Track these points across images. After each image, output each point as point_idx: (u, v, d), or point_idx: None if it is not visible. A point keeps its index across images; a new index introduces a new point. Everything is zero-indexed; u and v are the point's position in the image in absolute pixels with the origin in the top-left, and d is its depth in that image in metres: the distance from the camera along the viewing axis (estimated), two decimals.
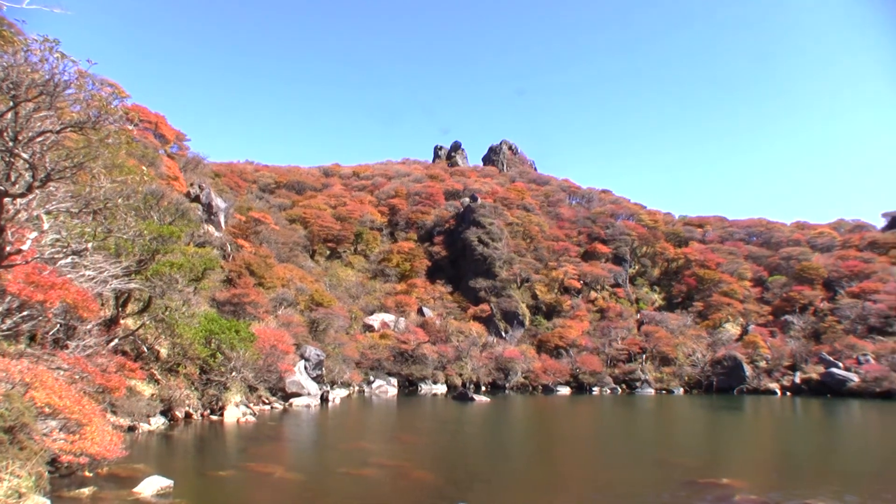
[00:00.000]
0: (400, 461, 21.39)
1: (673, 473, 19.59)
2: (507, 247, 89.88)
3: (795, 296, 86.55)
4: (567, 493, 16.82)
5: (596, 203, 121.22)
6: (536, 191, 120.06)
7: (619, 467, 21.55)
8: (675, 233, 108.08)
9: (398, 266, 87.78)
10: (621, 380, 73.31)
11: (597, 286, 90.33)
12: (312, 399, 41.06)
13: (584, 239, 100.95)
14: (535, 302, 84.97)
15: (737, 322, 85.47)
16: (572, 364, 72.83)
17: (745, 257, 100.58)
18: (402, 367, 64.99)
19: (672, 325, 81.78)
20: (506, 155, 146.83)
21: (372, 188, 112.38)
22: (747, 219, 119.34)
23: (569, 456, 24.82)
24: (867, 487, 18.00)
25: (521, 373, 70.33)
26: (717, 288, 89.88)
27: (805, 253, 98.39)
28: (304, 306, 61.09)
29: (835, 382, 67.24)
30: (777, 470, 22.17)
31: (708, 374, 73.18)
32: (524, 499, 15.87)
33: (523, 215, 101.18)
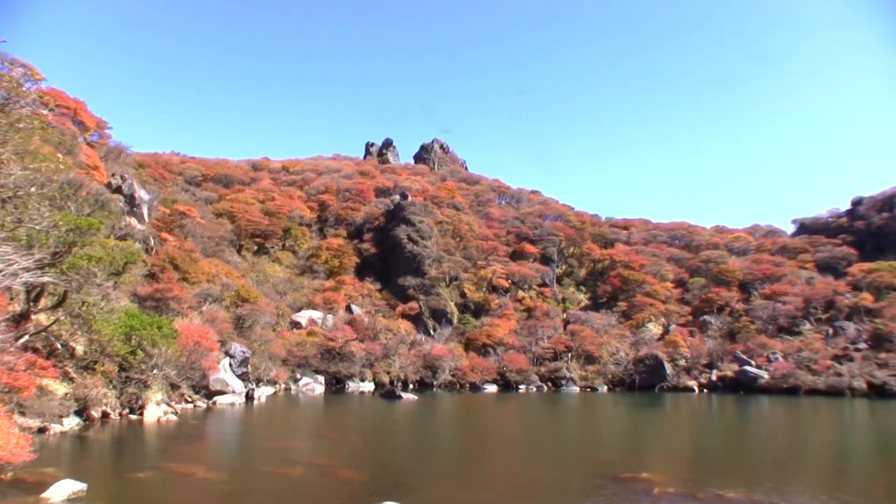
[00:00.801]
0: (326, 460, 21.17)
1: (596, 469, 20.02)
2: (437, 245, 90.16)
3: (713, 297, 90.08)
4: (494, 490, 16.98)
5: (525, 203, 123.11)
6: (467, 190, 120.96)
7: (544, 464, 21.87)
8: (601, 234, 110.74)
9: (327, 263, 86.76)
10: (547, 378, 74.50)
11: (524, 285, 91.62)
12: (237, 397, 40.19)
13: (513, 239, 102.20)
14: (463, 300, 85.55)
15: (659, 322, 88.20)
16: (499, 362, 73.65)
17: (667, 259, 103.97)
18: (329, 364, 64.28)
19: (597, 325, 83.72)
20: (437, 153, 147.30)
21: (302, 183, 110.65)
22: (670, 222, 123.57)
23: (495, 453, 25.06)
24: (774, 478, 18.90)
25: (449, 371, 70.67)
26: (641, 288, 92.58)
27: (723, 256, 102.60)
28: (229, 302, 59.63)
29: (747, 380, 70.33)
30: (693, 463, 23.00)
31: (631, 373, 75.20)
32: (451, 496, 15.93)
33: (453, 214, 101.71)
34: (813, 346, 73.59)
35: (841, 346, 73.46)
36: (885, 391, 63.91)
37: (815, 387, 66.24)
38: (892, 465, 23.89)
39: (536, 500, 15.66)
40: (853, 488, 18.17)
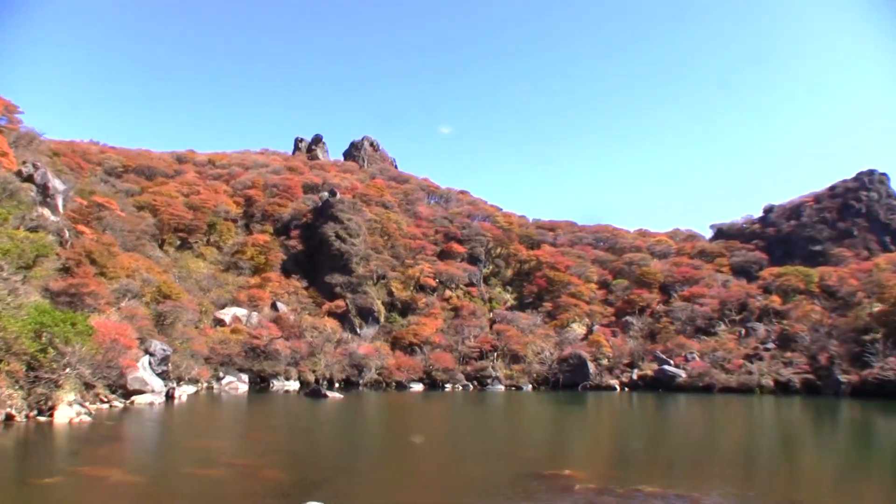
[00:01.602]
0: (249, 460, 20.84)
1: (519, 466, 20.34)
2: (365, 243, 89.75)
3: (636, 298, 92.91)
4: (418, 488, 17.05)
5: (454, 203, 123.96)
6: (396, 189, 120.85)
7: (468, 462, 22.11)
8: (528, 235, 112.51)
9: (252, 259, 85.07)
10: (473, 377, 75.26)
11: (452, 285, 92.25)
12: (157, 396, 39.02)
13: (441, 238, 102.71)
14: (390, 299, 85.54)
15: (583, 322, 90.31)
16: (426, 361, 73.99)
17: (592, 261, 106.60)
18: (253, 362, 63.19)
19: (523, 325, 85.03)
20: (367, 151, 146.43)
21: (228, 177, 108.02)
22: (595, 225, 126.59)
23: (421, 452, 25.12)
24: (689, 473, 19.88)
25: (375, 369, 70.50)
26: (566, 289, 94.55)
27: (645, 259, 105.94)
28: (150, 298, 57.75)
29: (666, 378, 72.92)
30: (614, 460, 23.73)
31: (555, 372, 76.71)
32: (376, 496, 15.95)
33: (382, 212, 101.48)
34: (727, 346, 77.07)
35: (752, 345, 77.22)
36: (789, 388, 67.77)
37: (728, 385, 69.49)
38: (793, 458, 25.24)
39: (460, 498, 15.79)
40: (760, 480, 19.17)
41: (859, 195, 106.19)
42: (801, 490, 17.89)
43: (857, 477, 20.65)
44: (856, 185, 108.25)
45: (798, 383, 68.03)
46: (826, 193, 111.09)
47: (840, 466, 23.23)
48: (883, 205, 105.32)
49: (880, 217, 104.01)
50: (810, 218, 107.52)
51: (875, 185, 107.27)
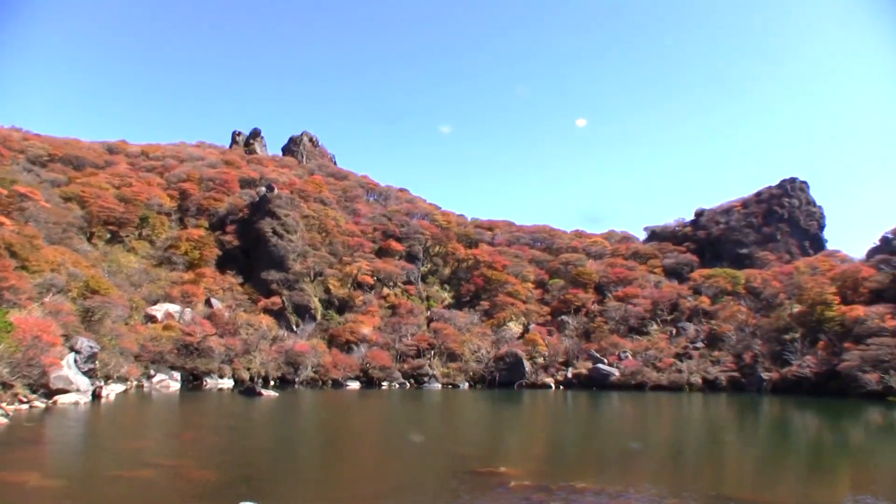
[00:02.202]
0: (179, 460, 20.46)
1: (455, 464, 20.57)
2: (302, 240, 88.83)
3: (571, 298, 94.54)
4: (354, 487, 17.08)
5: (393, 201, 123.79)
6: (335, 185, 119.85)
7: (404, 460, 22.25)
8: (466, 234, 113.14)
9: (186, 254, 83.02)
10: (410, 375, 75.43)
11: (389, 283, 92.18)
12: (82, 396, 37.78)
13: (380, 236, 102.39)
14: (327, 296, 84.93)
15: (519, 321, 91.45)
16: (363, 359, 73.78)
17: (529, 261, 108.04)
18: (186, 360, 61.87)
19: (460, 323, 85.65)
20: (306, 146, 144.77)
21: (162, 170, 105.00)
22: (533, 225, 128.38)
23: (357, 450, 25.16)
24: (621, 469, 20.47)
25: (312, 367, 70.00)
26: (503, 288, 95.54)
27: (581, 259, 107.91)
28: (77, 293, 55.81)
29: (600, 377, 74.62)
30: (548, 457, 24.25)
31: (491, 370, 77.58)
32: (312, 495, 15.93)
33: (320, 209, 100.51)
34: (658, 346, 79.49)
35: (682, 345, 79.85)
36: (716, 386, 70.49)
37: (660, 383, 71.77)
38: (719, 452, 26.27)
39: (396, 496, 15.87)
40: (688, 475, 20.09)
41: (782, 201, 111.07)
42: (726, 483, 18.67)
43: (775, 468, 21.68)
44: (779, 191, 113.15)
45: (724, 381, 70.77)
46: (753, 199, 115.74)
47: (761, 459, 24.34)
48: (803, 211, 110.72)
49: (801, 223, 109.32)
50: (738, 222, 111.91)
51: (796, 193, 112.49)
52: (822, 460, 24.94)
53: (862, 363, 59.48)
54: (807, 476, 20.72)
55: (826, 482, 19.61)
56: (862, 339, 63.02)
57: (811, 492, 17.90)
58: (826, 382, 62.04)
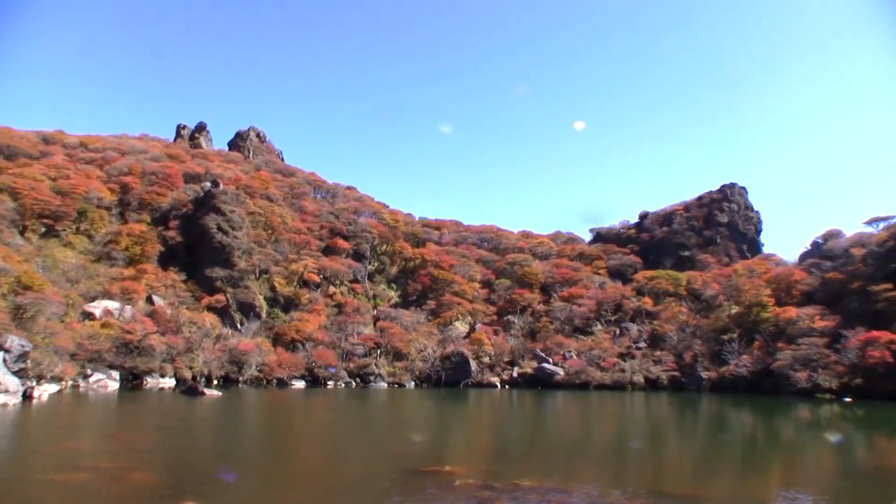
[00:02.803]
0: (116, 462, 19.86)
1: (400, 463, 20.61)
2: (248, 236, 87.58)
3: (517, 298, 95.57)
4: (298, 487, 16.98)
5: (341, 199, 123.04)
6: (282, 182, 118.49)
7: (349, 460, 22.19)
8: (413, 233, 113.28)
9: (127, 249, 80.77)
10: (356, 374, 75.13)
11: (336, 281, 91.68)
12: (11, 397, 36.50)
13: (327, 234, 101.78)
14: (273, 294, 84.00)
15: (465, 320, 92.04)
16: (308, 358, 73.22)
17: (476, 260, 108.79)
18: (125, 359, 60.28)
19: (406, 322, 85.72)
20: (253, 142, 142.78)
21: (102, 162, 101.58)
22: (480, 225, 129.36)
23: (301, 451, 24.96)
24: (565, 467, 20.94)
25: (256, 366, 69.16)
26: (450, 288, 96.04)
27: (527, 260, 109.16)
28: (7, 290, 53.89)
29: (545, 376, 75.68)
30: (493, 455, 24.53)
31: (437, 369, 77.83)
32: (254, 497, 15.79)
33: (266, 205, 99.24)
34: (602, 346, 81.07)
35: (625, 345, 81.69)
36: (658, 385, 72.46)
37: (603, 382, 73.20)
38: (659, 450, 26.98)
39: (340, 496, 15.87)
40: (630, 472, 20.58)
41: (722, 206, 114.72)
42: (665, 479, 19.29)
43: (712, 464, 22.67)
44: (720, 196, 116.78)
45: (666, 380, 72.78)
46: (695, 203, 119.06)
47: (698, 456, 25.35)
48: (742, 216, 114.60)
49: (739, 227, 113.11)
50: (680, 225, 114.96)
51: (736, 198, 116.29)
52: (755, 456, 25.92)
53: (793, 362, 62.26)
54: (741, 471, 21.50)
55: (758, 476, 20.40)
56: (794, 339, 65.90)
57: (745, 486, 18.61)
58: (760, 381, 64.62)
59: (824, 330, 65.65)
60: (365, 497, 15.98)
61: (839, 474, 21.34)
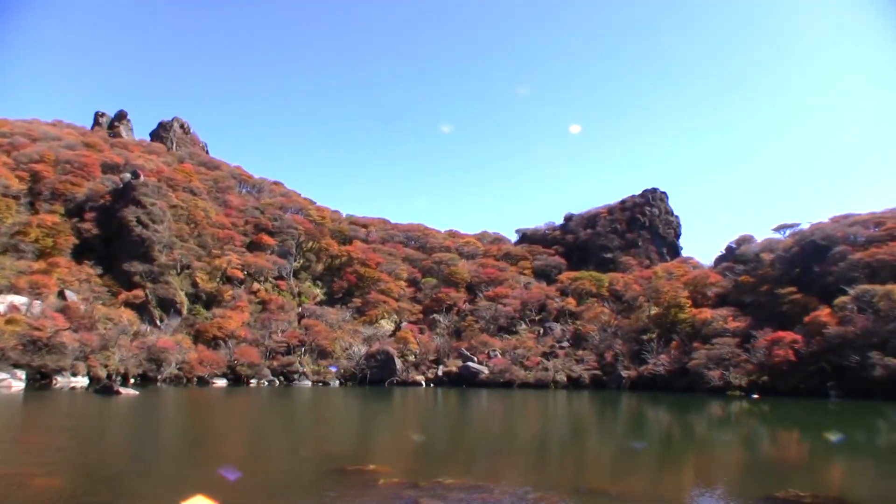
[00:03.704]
0: (20, 467, 18.67)
1: (324, 462, 20.35)
2: (169, 230, 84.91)
3: (443, 297, 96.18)
4: (216, 490, 16.31)
5: (266, 194, 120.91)
6: (206, 175, 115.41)
7: (271, 459, 21.80)
8: (340, 231, 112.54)
9: (38, 242, 76.66)
10: (279, 372, 74.21)
11: (260, 277, 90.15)
12: None
13: (251, 229, 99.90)
14: (194, 290, 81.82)
15: (391, 319, 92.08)
16: (230, 356, 71.75)
17: (402, 259, 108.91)
18: (33, 357, 57.19)
19: (331, 320, 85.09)
20: (177, 133, 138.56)
21: (10, 148, 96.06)
22: (408, 223, 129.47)
23: (220, 451, 24.29)
24: (488, 464, 21.05)
25: (176, 364, 67.17)
26: (376, 286, 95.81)
27: (454, 259, 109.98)
28: None
29: (470, 374, 76.52)
30: (417, 454, 24.52)
31: (363, 368, 77.54)
32: (171, 499, 15.33)
33: (189, 199, 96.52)
34: (526, 345, 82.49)
35: (549, 344, 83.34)
36: (580, 383, 74.27)
37: (527, 381, 74.58)
38: (580, 446, 27.66)
39: (259, 498, 15.53)
40: (552, 468, 21.03)
41: (644, 210, 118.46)
42: (587, 475, 19.76)
43: (631, 460, 23.32)
44: (642, 200, 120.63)
45: (587, 379, 74.64)
46: (618, 206, 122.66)
47: (618, 452, 26.02)
48: (662, 220, 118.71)
49: (660, 231, 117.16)
50: (604, 228, 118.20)
51: (657, 203, 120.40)
52: (670, 451, 26.91)
53: (707, 361, 65.17)
54: (658, 466, 22.30)
55: (674, 471, 21.44)
56: (708, 339, 68.94)
57: (661, 479, 19.36)
58: (677, 379, 67.34)
59: (736, 330, 69.03)
60: (285, 498, 15.69)
61: (745, 467, 22.43)
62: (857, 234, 75.36)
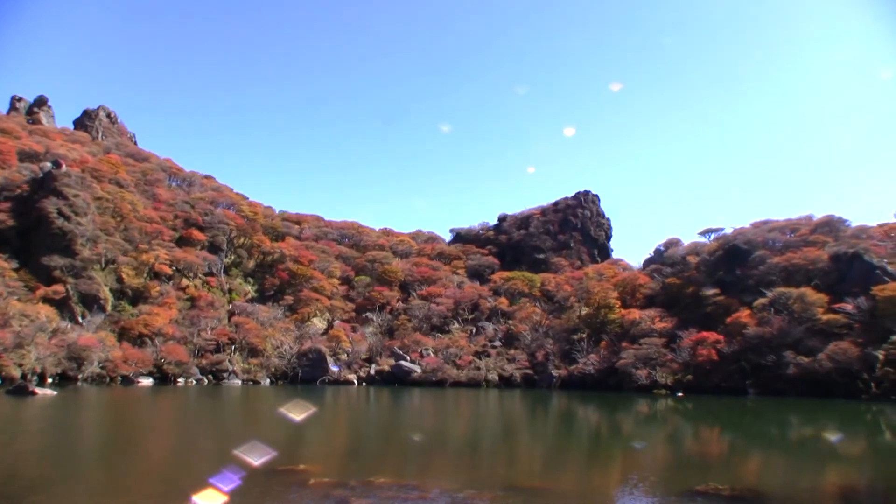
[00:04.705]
0: None
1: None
2: (93, 223, 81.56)
3: (376, 295, 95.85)
4: (138, 494, 15.87)
5: (197, 188, 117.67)
6: (133, 167, 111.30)
7: (197, 461, 21.25)
8: (273, 227, 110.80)
9: None
10: (208, 370, 72.66)
11: (190, 273, 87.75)
12: None
13: (181, 224, 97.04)
14: (120, 286, 78.93)
15: (324, 317, 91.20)
16: (157, 354, 69.65)
17: (336, 257, 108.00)
18: None
19: (263, 318, 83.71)
20: (103, 122, 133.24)
21: None
22: (342, 221, 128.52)
23: (143, 452, 23.43)
24: (420, 464, 21.05)
25: (98, 362, 64.73)
26: (308, 284, 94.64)
27: (388, 257, 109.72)
28: None
29: (402, 373, 76.58)
30: (348, 453, 24.29)
31: (294, 366, 76.59)
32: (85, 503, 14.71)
33: (115, 191, 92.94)
34: (459, 344, 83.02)
35: (481, 343, 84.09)
36: (511, 382, 75.32)
37: (459, 379, 75.16)
38: (511, 445, 27.81)
39: (185, 498, 15.13)
40: (483, 467, 21.03)
41: (576, 212, 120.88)
42: (518, 474, 19.92)
43: (561, 458, 23.81)
44: (574, 202, 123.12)
45: (519, 378, 75.68)
46: (551, 208, 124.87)
47: (549, 450, 26.43)
48: (594, 222, 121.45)
49: (591, 233, 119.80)
50: (537, 229, 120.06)
51: (589, 205, 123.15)
52: (600, 448, 27.63)
53: (635, 361, 67.12)
54: (587, 463, 22.84)
55: (602, 467, 21.97)
56: (636, 339, 70.95)
57: (590, 476, 19.83)
58: (606, 378, 69.10)
59: (663, 331, 71.35)
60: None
61: (668, 462, 23.19)
62: (775, 239, 79.21)
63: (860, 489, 18.21)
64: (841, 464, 23.21)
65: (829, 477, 19.95)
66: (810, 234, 76.86)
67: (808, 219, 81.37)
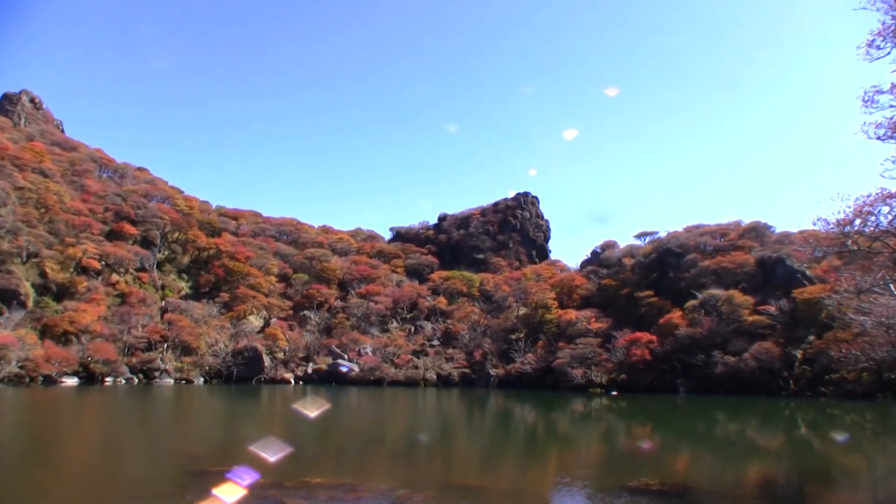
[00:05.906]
0: None
1: (184, 464, 19.38)
2: (14, 214, 77.65)
3: (314, 293, 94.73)
4: (66, 498, 15.06)
5: (130, 180, 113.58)
6: (60, 156, 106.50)
7: (126, 462, 20.47)
8: (209, 222, 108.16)
9: None
10: (139, 369, 70.44)
11: (120, 269, 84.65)
12: None
13: (111, 217, 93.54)
14: (43, 281, 75.39)
15: (260, 315, 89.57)
16: (83, 352, 66.87)
17: (273, 253, 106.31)
18: None
19: (197, 315, 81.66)
20: (26, 107, 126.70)
21: None
22: (280, 217, 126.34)
23: (67, 455, 22.22)
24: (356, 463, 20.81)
25: (17, 362, 61.56)
26: (245, 281, 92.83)
27: (326, 255, 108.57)
28: None
29: (340, 372, 76.48)
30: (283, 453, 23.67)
31: (229, 365, 75.14)
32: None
33: (39, 180, 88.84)
34: (397, 343, 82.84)
35: (419, 342, 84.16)
36: (449, 381, 75.74)
37: (397, 378, 75.18)
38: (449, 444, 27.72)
39: (115, 501, 14.50)
40: (421, 466, 20.99)
41: (516, 213, 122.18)
42: (455, 472, 19.90)
43: (498, 456, 23.88)
44: (514, 203, 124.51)
45: (457, 377, 76.04)
46: (491, 209, 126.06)
47: (485, 448, 26.48)
48: (532, 223, 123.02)
49: (530, 234, 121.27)
50: (476, 229, 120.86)
51: (528, 206, 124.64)
52: (535, 446, 27.74)
53: (571, 360, 68.31)
54: (523, 461, 22.92)
55: (537, 465, 22.16)
56: (573, 339, 72.10)
57: (525, 474, 20.01)
58: (543, 377, 70.07)
59: (598, 331, 72.81)
60: (144, 500, 14.65)
61: (602, 459, 23.78)
62: (706, 243, 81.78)
63: (778, 480, 19.36)
64: (762, 458, 24.26)
65: (751, 470, 20.90)
66: (738, 239, 79.90)
67: (737, 224, 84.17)
